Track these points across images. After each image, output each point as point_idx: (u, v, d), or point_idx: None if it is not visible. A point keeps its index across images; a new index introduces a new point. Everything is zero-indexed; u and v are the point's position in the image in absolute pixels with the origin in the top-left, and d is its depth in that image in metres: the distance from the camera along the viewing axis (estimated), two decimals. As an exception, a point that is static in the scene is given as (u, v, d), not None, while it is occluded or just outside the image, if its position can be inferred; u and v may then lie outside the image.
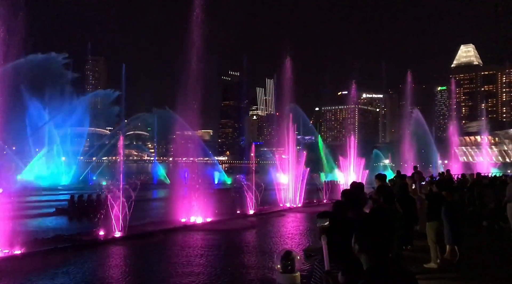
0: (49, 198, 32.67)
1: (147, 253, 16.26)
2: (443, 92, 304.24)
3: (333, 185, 38.48)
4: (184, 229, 20.93)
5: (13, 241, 14.64)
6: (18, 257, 14.38)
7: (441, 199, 11.85)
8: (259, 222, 23.99)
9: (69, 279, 12.38)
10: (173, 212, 22.92)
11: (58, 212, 26.02)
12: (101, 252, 16.15)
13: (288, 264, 7.56)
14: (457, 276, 10.40)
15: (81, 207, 25.92)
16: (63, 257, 14.82)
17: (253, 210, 26.43)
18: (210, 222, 22.66)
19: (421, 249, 12.36)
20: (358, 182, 10.04)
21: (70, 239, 17.12)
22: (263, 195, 28.27)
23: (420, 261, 11.22)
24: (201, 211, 22.94)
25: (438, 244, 11.47)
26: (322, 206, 29.75)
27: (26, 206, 20.47)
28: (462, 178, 25.21)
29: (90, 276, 12.88)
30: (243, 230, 21.47)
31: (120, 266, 14.68)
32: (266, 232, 21.68)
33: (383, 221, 2.87)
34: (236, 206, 27.01)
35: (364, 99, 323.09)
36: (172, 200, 25.11)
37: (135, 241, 18.00)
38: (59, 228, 21.01)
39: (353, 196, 7.44)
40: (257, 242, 18.90)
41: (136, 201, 19.51)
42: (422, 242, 12.64)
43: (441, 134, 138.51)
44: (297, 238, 19.45)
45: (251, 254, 15.88)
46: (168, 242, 18.20)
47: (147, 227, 20.59)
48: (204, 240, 19.17)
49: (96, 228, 18.29)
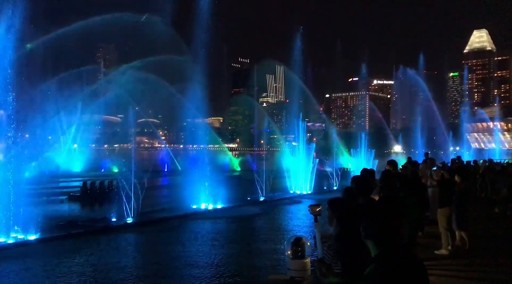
0: (62, 185, 33.05)
1: (158, 239, 16.44)
2: (455, 78, 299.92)
3: (344, 171, 38.42)
4: (195, 215, 21.09)
5: (28, 227, 14.89)
6: (33, 242, 14.64)
7: (452, 186, 11.77)
8: (270, 208, 24.08)
9: (82, 264, 12.58)
10: (184, 199, 23.09)
11: (71, 199, 26.33)
12: (113, 238, 16.35)
13: (299, 250, 7.61)
14: (468, 262, 10.36)
15: (94, 194, 26.21)
16: (76, 243, 15.06)
17: (263, 197, 26.52)
18: (221, 209, 22.80)
19: (432, 236, 12.33)
20: (368, 169, 10.00)
21: (83, 225, 17.37)
22: (273, 181, 28.34)
23: (431, 248, 11.19)
24: (212, 197, 23.09)
25: (449, 231, 11.43)
26: (332, 192, 29.76)
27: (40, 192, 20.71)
28: (474, 165, 25.02)
29: (103, 261, 13.05)
30: (253, 217, 21.57)
31: (131, 252, 14.87)
32: (276, 218, 21.78)
33: (392, 208, 2.85)
34: (247, 192, 27.13)
35: (375, 86, 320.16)
36: (183, 187, 25.29)
37: (146, 228, 18.20)
38: (72, 214, 21.30)
39: (364, 182, 7.42)
40: (268, 229, 18.99)
41: (147, 188, 19.69)
42: (433, 229, 12.60)
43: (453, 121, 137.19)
44: (307, 224, 19.50)
45: (262, 241, 15.98)
46: (179, 228, 18.37)
47: (158, 213, 20.80)
48: (215, 227, 19.32)
49: (109, 214, 18.52)
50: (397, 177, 10.25)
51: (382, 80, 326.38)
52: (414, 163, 17.16)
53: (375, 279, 2.63)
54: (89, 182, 27.71)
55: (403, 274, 2.64)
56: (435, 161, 22.39)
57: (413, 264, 2.73)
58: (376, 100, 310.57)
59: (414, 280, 2.70)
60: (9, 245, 14.26)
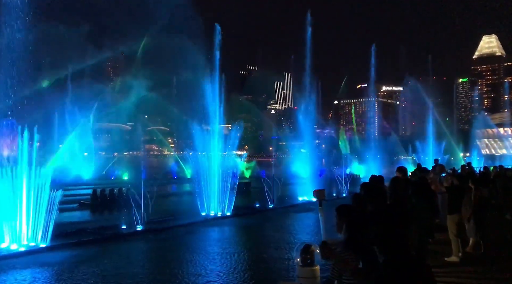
0: (72, 193, 33.27)
1: (168, 247, 16.48)
2: (464, 84, 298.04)
3: (353, 178, 38.27)
4: (204, 223, 21.12)
5: (39, 234, 15.02)
6: (43, 250, 14.75)
7: (462, 192, 11.72)
8: (279, 216, 24.04)
9: (92, 272, 12.65)
10: (193, 206, 23.13)
11: (81, 206, 26.51)
12: (123, 246, 16.44)
13: (308, 258, 7.59)
14: (479, 269, 10.27)
15: (104, 201, 26.39)
16: (86, 251, 15.15)
17: (272, 204, 26.48)
18: (230, 216, 22.81)
19: (442, 242, 12.24)
20: (377, 175, 9.99)
21: (93, 233, 17.48)
22: (282, 188, 28.30)
23: (441, 254, 11.12)
24: (221, 204, 23.12)
25: (459, 237, 11.35)
26: (341, 199, 29.63)
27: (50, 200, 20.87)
28: (485, 171, 24.81)
29: (113, 269, 13.11)
30: (262, 224, 21.56)
31: (141, 260, 14.93)
32: (285, 225, 21.74)
33: (399, 214, 2.86)
34: (256, 199, 27.12)
35: (384, 92, 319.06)
36: (192, 194, 25.35)
37: (156, 235, 18.26)
38: (83, 221, 21.44)
39: (373, 189, 7.43)
40: (277, 236, 18.96)
41: (156, 195, 19.78)
42: (442, 235, 12.52)
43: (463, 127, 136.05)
44: (316, 231, 19.43)
45: (271, 248, 15.96)
46: (189, 236, 18.40)
47: (168, 221, 20.85)
48: (224, 234, 19.35)
49: (118, 222, 18.62)
50: (407, 184, 10.24)
51: (391, 87, 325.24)
52: (423, 170, 17.10)
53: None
54: (99, 190, 27.91)
55: (408, 281, 2.65)
56: (445, 168, 22.26)
57: (419, 271, 2.73)
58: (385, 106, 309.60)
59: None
60: (20, 252, 14.39)
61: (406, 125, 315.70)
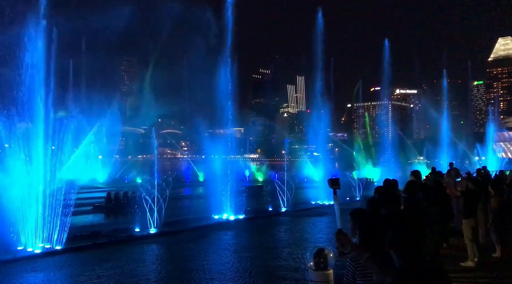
0: (87, 196, 33.62)
1: (181, 250, 16.51)
2: (479, 87, 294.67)
3: (367, 182, 38.02)
4: (217, 226, 21.16)
5: (54, 237, 15.20)
6: (59, 252, 14.93)
7: (477, 196, 11.58)
8: (292, 219, 23.98)
9: (106, 275, 12.75)
10: (206, 209, 23.21)
11: (95, 209, 26.75)
12: (136, 249, 16.53)
13: (321, 262, 7.56)
14: (496, 275, 10.12)
15: (118, 204, 26.60)
16: (101, 253, 15.28)
17: (285, 208, 26.43)
18: (243, 219, 22.83)
19: (457, 247, 12.10)
20: (391, 179, 9.90)
21: (107, 235, 17.63)
22: (295, 192, 28.22)
23: (457, 259, 10.98)
24: (234, 208, 23.15)
25: (475, 242, 11.20)
26: (355, 203, 29.45)
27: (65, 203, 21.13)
28: (501, 175, 24.43)
29: (126, 272, 13.19)
30: (275, 228, 21.52)
31: (154, 263, 15.00)
32: (298, 229, 21.66)
33: (414, 219, 2.85)
34: (269, 203, 27.10)
35: (397, 95, 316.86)
36: (205, 197, 25.45)
37: (169, 238, 18.35)
38: (97, 224, 21.65)
39: (387, 193, 7.38)
40: (290, 240, 18.92)
41: (170, 198, 19.88)
42: (458, 240, 12.38)
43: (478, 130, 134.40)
44: (330, 235, 19.33)
45: (284, 252, 15.92)
46: (202, 239, 18.44)
47: (181, 224, 20.94)
48: (237, 238, 19.36)
49: (132, 225, 18.75)
50: (421, 187, 10.15)
51: (404, 90, 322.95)
52: (438, 173, 16.92)
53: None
54: (113, 193, 28.15)
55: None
56: (460, 171, 22.00)
57: (436, 276, 2.72)
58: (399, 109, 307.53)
59: None
60: (37, 254, 14.57)
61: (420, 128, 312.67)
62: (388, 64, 48.48)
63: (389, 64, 48.60)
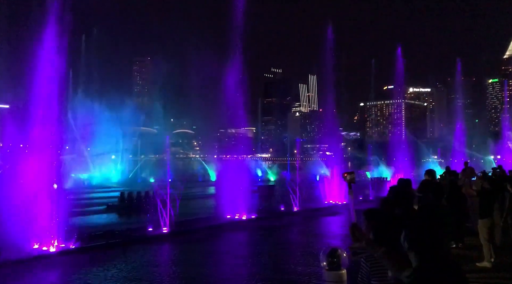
0: (100, 195, 33.92)
1: (193, 250, 16.56)
2: (495, 84, 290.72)
3: (380, 181, 37.75)
4: (229, 225, 21.17)
5: (68, 236, 15.33)
6: (73, 251, 15.05)
7: (493, 196, 11.42)
8: (304, 219, 23.90)
9: (119, 273, 12.83)
10: (218, 209, 23.23)
11: (108, 209, 26.96)
12: (149, 248, 16.60)
13: (334, 262, 7.51)
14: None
15: (131, 204, 26.77)
16: (114, 253, 15.37)
17: (297, 207, 26.35)
18: (255, 219, 22.81)
19: (473, 247, 11.94)
20: (405, 179, 9.80)
21: (121, 235, 17.72)
22: (307, 192, 28.14)
23: (473, 260, 10.84)
24: (245, 207, 23.14)
25: (491, 242, 11.04)
26: (368, 203, 29.25)
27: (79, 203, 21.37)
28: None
29: (139, 272, 13.24)
30: (287, 227, 21.47)
31: (167, 263, 15.04)
32: (311, 229, 21.59)
33: (431, 218, 2.82)
34: (281, 203, 27.04)
35: (411, 94, 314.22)
36: (217, 197, 25.47)
37: (182, 237, 18.40)
38: (110, 224, 21.80)
39: (401, 192, 7.30)
40: (303, 239, 18.85)
41: (182, 198, 19.94)
42: (473, 240, 12.21)
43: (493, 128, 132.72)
44: (343, 235, 19.24)
45: (296, 251, 15.88)
46: (214, 239, 18.47)
47: (193, 223, 20.99)
48: (250, 238, 19.35)
49: (145, 224, 18.84)
50: (435, 187, 10.02)
51: (418, 88, 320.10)
52: (452, 172, 16.72)
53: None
54: (126, 192, 28.35)
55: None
56: (475, 170, 21.73)
57: (454, 276, 2.67)
58: (412, 108, 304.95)
59: None
60: (51, 253, 14.71)
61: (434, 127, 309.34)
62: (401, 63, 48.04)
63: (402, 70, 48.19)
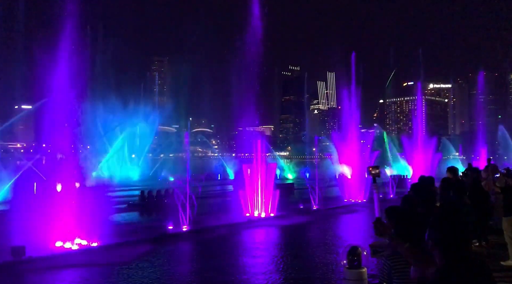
0: (121, 194, 34.33)
1: (212, 247, 16.64)
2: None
3: (400, 179, 37.32)
4: (248, 223, 21.21)
5: (90, 235, 15.56)
6: (94, 249, 15.27)
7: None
8: (323, 217, 23.79)
9: (140, 271, 12.95)
10: (237, 207, 23.28)
11: (129, 207, 27.27)
12: (170, 246, 16.75)
13: (355, 260, 7.46)
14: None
15: (151, 202, 27.04)
16: (136, 250, 15.53)
17: (316, 206, 26.23)
18: (274, 217, 22.80)
19: (497, 246, 11.71)
20: (427, 176, 9.65)
21: (142, 233, 17.93)
22: (326, 190, 28.00)
23: (497, 258, 10.63)
24: (264, 205, 23.14)
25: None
26: (388, 201, 28.96)
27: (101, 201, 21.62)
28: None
29: (160, 270, 13.36)
30: (306, 226, 21.40)
31: (188, 260, 15.18)
32: (330, 227, 21.48)
33: (456, 215, 2.76)
34: (299, 201, 26.98)
35: (431, 90, 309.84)
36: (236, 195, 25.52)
37: (201, 235, 18.51)
38: (131, 222, 22.06)
39: (423, 190, 7.20)
40: (321, 238, 18.77)
41: (201, 196, 20.04)
42: (497, 238, 11.97)
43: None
44: (362, 233, 19.08)
45: (316, 250, 15.81)
46: (233, 236, 18.53)
47: (212, 221, 21.09)
48: (268, 235, 19.35)
49: (165, 222, 19.01)
50: (457, 185, 9.86)
51: (438, 84, 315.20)
52: (475, 169, 16.43)
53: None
54: (146, 191, 28.64)
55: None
56: (498, 167, 21.29)
57: (480, 273, 2.62)
58: (433, 104, 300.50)
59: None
60: (74, 252, 14.95)
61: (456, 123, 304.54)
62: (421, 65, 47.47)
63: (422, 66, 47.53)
